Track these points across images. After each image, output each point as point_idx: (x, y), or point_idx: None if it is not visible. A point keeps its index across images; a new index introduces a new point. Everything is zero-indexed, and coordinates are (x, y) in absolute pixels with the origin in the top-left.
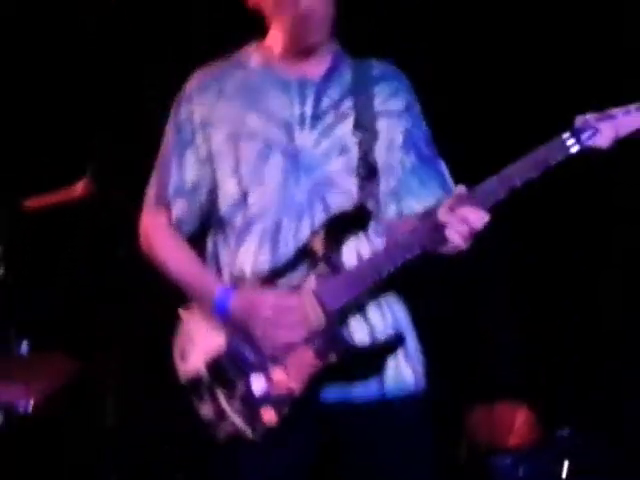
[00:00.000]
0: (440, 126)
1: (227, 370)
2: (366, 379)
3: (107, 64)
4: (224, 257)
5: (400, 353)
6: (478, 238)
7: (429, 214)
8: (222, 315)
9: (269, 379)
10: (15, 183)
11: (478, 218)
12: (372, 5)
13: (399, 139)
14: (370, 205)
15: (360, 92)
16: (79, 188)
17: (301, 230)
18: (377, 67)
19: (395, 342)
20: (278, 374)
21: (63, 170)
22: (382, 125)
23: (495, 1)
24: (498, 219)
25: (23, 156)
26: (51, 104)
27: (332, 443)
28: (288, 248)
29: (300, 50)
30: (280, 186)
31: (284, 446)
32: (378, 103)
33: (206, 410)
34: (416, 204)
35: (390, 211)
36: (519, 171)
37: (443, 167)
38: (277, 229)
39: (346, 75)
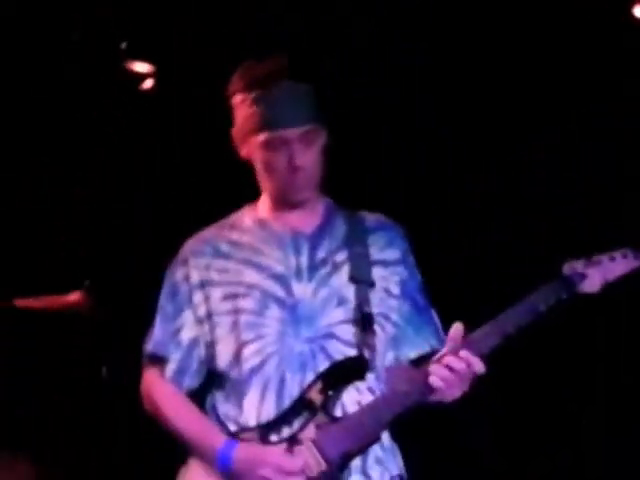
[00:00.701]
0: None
1: None
2: None
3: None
4: (226, 411)
5: None
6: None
7: (424, 363)
8: (224, 467)
9: None
10: (9, 279)
11: (464, 367)
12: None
13: (395, 289)
14: (367, 354)
15: (355, 243)
16: (73, 298)
17: (306, 381)
18: (370, 219)
19: None
20: None
21: (60, 277)
22: (378, 274)
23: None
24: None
25: (22, 255)
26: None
27: None
28: (292, 399)
29: (290, 205)
30: (279, 338)
31: None
32: (374, 252)
33: None
34: (411, 352)
35: (389, 358)
36: (511, 318)
37: (435, 316)
38: (281, 381)
39: (340, 227)
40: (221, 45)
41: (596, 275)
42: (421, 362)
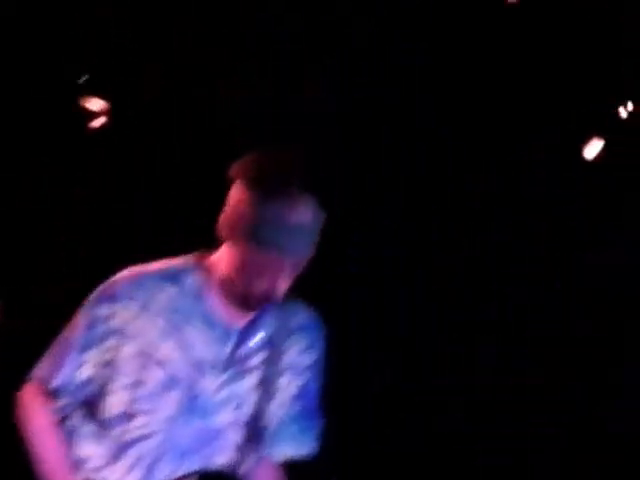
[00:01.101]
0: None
1: None
2: None
3: None
4: (88, 454)
5: None
6: None
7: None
8: None
9: None
10: None
11: None
12: None
13: (294, 390)
14: (242, 467)
15: (274, 346)
16: None
17: (179, 471)
18: (298, 316)
19: None
20: None
21: None
22: (284, 382)
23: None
24: None
25: None
26: None
27: None
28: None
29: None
30: (172, 420)
31: None
32: (288, 358)
33: None
34: (290, 450)
35: (264, 453)
36: None
37: (320, 425)
38: (156, 461)
39: (268, 326)
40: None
41: None
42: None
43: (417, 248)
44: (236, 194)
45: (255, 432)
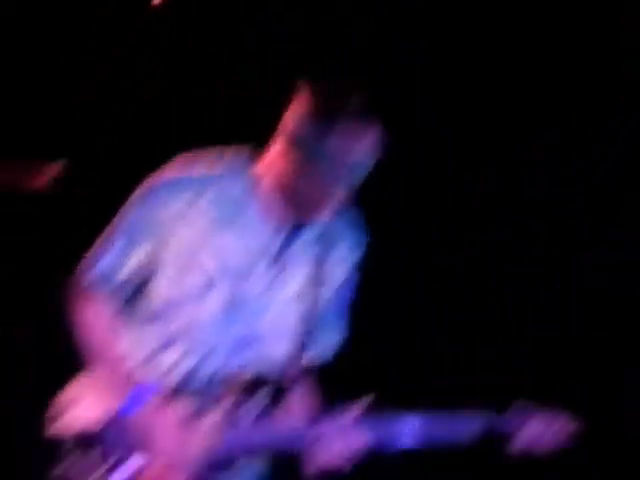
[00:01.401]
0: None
1: (95, 444)
2: None
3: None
4: (135, 348)
5: None
6: None
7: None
8: (123, 411)
9: (131, 472)
10: None
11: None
12: None
13: (331, 293)
14: (292, 371)
15: (322, 245)
16: (46, 173)
17: (228, 365)
18: (341, 221)
19: None
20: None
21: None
22: (332, 279)
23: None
24: None
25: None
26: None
27: None
28: (208, 376)
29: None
30: (216, 318)
31: None
32: (335, 258)
33: (57, 471)
34: (316, 347)
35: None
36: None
37: (346, 320)
38: (209, 352)
39: (314, 226)
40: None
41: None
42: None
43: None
44: (299, 106)
45: (308, 328)
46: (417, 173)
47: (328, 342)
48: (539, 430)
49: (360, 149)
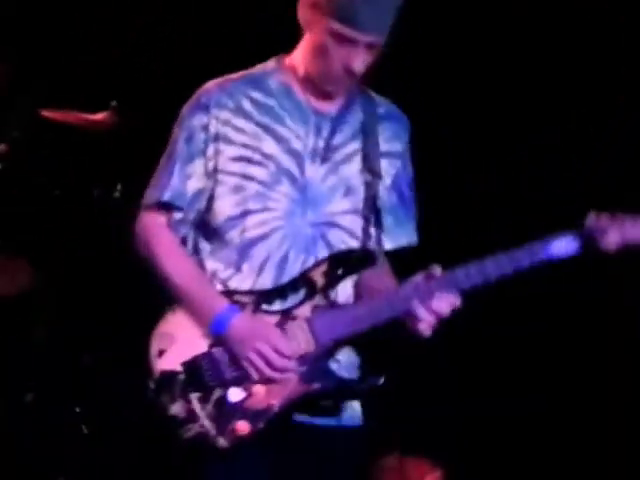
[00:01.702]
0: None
1: (206, 375)
2: (337, 411)
3: None
4: (215, 269)
5: None
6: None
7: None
8: (218, 331)
9: (249, 392)
10: (38, 89)
11: (446, 306)
12: None
13: (388, 180)
14: (373, 247)
15: (368, 132)
16: (101, 116)
17: (308, 263)
18: (382, 106)
19: (376, 388)
20: (259, 389)
21: (88, 95)
22: (384, 166)
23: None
24: None
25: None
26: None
27: (287, 460)
28: (294, 275)
29: (322, 89)
30: (286, 215)
31: (249, 459)
32: (381, 143)
33: (176, 409)
34: (389, 243)
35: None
36: (524, 254)
37: (416, 214)
38: (284, 258)
39: (357, 113)
40: None
41: (616, 233)
42: (395, 253)
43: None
44: None
45: (376, 218)
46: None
47: (401, 237)
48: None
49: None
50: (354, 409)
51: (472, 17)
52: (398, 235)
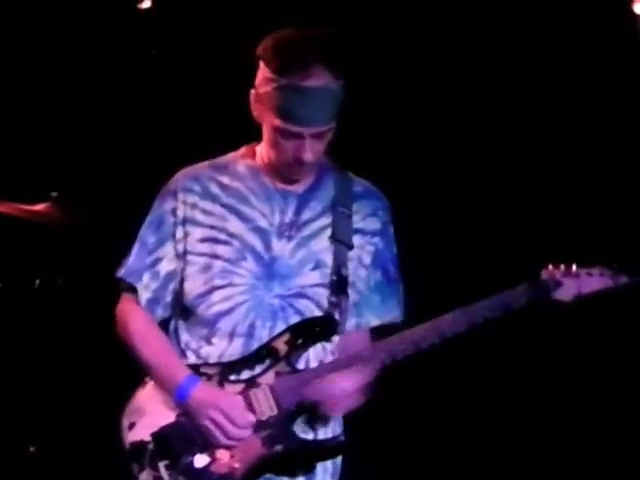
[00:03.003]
0: None
1: (173, 443)
2: (304, 473)
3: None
4: (188, 341)
5: (330, 468)
6: None
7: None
8: (180, 400)
9: (213, 457)
10: None
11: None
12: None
13: (367, 259)
14: (338, 316)
15: (340, 208)
16: (40, 207)
17: (276, 330)
18: (359, 184)
19: (338, 447)
20: (223, 454)
21: (28, 188)
22: (357, 242)
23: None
24: None
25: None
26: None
27: None
28: (258, 345)
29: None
30: (250, 290)
31: None
32: (356, 220)
33: (144, 477)
34: (374, 320)
35: (350, 324)
36: (476, 311)
37: (401, 289)
38: (251, 326)
39: (329, 190)
40: None
41: (571, 286)
42: (382, 331)
43: (417, 248)
44: (259, 73)
45: (342, 286)
46: (417, 173)
47: (374, 318)
48: None
49: (320, 85)
50: (326, 469)
51: (472, 16)
52: (384, 313)
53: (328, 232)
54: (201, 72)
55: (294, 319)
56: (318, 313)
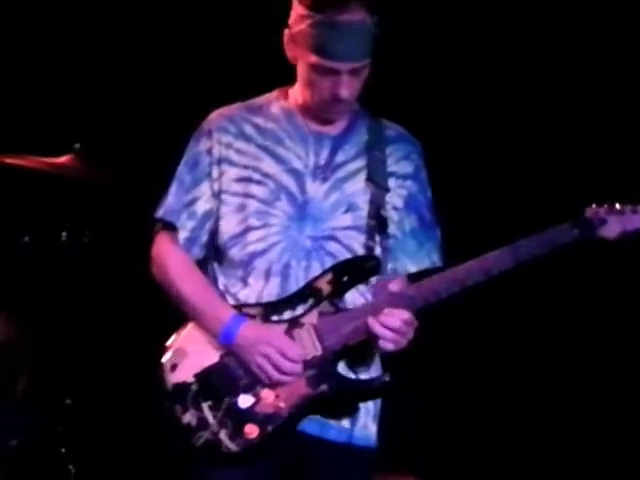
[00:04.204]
0: None
1: (217, 384)
2: (348, 416)
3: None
4: (226, 284)
5: (371, 410)
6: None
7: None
8: (227, 340)
9: (257, 397)
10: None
11: (394, 321)
12: None
13: (400, 202)
14: (381, 256)
15: (374, 151)
16: (63, 160)
17: (311, 270)
18: (391, 129)
19: (383, 387)
20: (267, 393)
21: (51, 140)
22: (392, 185)
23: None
24: None
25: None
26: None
27: (295, 472)
28: (298, 284)
29: (319, 116)
30: (283, 230)
31: (258, 468)
32: (389, 164)
33: (188, 418)
34: (412, 266)
35: (385, 269)
36: (523, 249)
37: (439, 234)
38: (286, 267)
39: (362, 134)
40: None
41: (616, 223)
42: (420, 276)
43: (457, 191)
44: (293, 12)
45: (382, 227)
46: None
47: (411, 264)
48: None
49: (355, 20)
50: (368, 428)
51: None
52: (421, 258)
53: (363, 175)
54: (230, 17)
55: (327, 261)
56: (348, 256)
